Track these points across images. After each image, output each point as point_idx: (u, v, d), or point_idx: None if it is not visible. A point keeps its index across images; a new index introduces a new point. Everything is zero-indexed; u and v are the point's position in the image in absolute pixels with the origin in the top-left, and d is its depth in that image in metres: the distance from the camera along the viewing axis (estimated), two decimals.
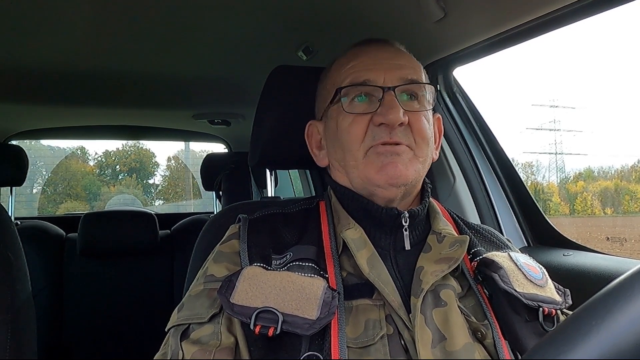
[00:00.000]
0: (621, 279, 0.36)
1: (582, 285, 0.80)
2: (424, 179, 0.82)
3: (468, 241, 0.73)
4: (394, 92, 0.75)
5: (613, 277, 0.46)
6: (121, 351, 2.13)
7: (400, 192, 0.75)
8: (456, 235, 0.77)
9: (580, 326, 0.34)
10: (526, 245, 1.31)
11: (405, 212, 0.74)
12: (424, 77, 0.81)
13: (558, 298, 0.71)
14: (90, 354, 2.11)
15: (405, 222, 0.74)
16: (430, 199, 0.83)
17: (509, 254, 0.75)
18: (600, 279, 0.96)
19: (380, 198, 0.75)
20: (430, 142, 0.78)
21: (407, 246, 0.75)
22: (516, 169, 1.37)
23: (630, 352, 0.32)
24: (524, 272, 0.71)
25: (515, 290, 0.67)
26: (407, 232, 0.75)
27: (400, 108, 0.73)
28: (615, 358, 0.32)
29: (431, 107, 0.80)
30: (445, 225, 0.78)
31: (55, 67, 1.55)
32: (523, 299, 0.67)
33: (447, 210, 0.86)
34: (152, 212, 2.36)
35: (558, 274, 0.78)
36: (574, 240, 1.20)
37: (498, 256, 0.73)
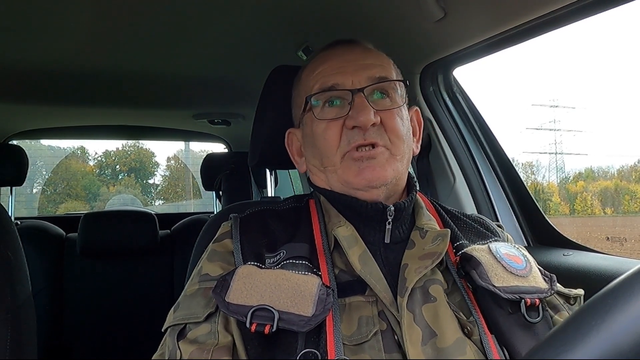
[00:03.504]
0: (621, 279, 0.36)
1: (582, 285, 0.80)
2: (409, 174, 0.83)
3: (449, 234, 0.73)
4: (364, 93, 0.75)
5: (613, 277, 0.46)
6: (121, 351, 2.13)
7: (381, 193, 0.75)
8: (438, 229, 0.77)
9: (580, 326, 0.34)
10: (526, 245, 1.31)
11: (391, 205, 0.75)
12: (394, 74, 0.81)
13: (543, 285, 0.71)
14: (90, 354, 2.11)
15: (391, 215, 0.74)
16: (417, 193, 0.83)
17: (488, 247, 0.75)
18: (600, 279, 0.96)
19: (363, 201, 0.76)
20: (406, 139, 0.79)
21: (387, 239, 0.75)
22: (516, 169, 1.37)
23: (630, 352, 0.32)
24: (504, 264, 0.71)
25: (494, 286, 0.67)
26: (390, 226, 0.75)
27: (371, 109, 0.74)
28: (615, 358, 0.32)
29: (404, 103, 0.81)
30: (428, 220, 0.79)
31: (55, 67, 1.55)
32: (502, 294, 0.67)
33: (432, 203, 0.86)
34: (152, 212, 2.36)
35: (558, 274, 0.78)
36: (574, 240, 1.20)
37: (477, 250, 0.73)
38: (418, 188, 0.83)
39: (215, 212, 2.35)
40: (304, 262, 0.69)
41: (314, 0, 1.12)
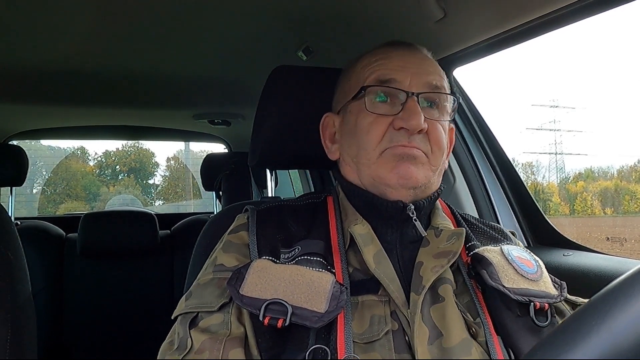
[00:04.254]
0: (621, 279, 0.36)
1: (582, 285, 0.80)
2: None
3: (464, 233, 0.73)
4: (417, 98, 0.75)
5: (613, 277, 0.46)
6: (121, 351, 2.13)
7: (409, 195, 0.75)
8: (453, 228, 0.77)
9: (580, 326, 0.34)
10: (526, 245, 1.31)
11: (411, 204, 0.74)
12: (446, 86, 0.81)
13: (553, 292, 0.71)
14: (90, 354, 2.11)
15: (412, 214, 0.74)
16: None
17: (501, 249, 0.75)
18: (600, 279, 0.96)
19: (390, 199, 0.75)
20: (444, 152, 0.79)
21: (424, 232, 0.75)
22: (516, 169, 1.37)
23: (630, 352, 0.32)
24: (515, 266, 0.71)
25: (504, 286, 0.67)
26: (418, 223, 0.75)
27: (422, 115, 0.73)
28: (615, 358, 0.32)
29: (450, 118, 0.80)
30: (443, 220, 0.79)
31: (55, 67, 1.55)
32: (511, 295, 0.67)
33: (448, 206, 0.87)
34: (152, 212, 2.36)
35: (558, 274, 0.78)
36: (574, 240, 1.20)
37: (489, 251, 0.73)
38: (440, 193, 0.83)
39: (215, 212, 2.35)
40: (318, 259, 0.69)
41: (314, 0, 1.12)
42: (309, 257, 0.69)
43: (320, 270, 0.67)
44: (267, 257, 0.70)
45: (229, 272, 0.68)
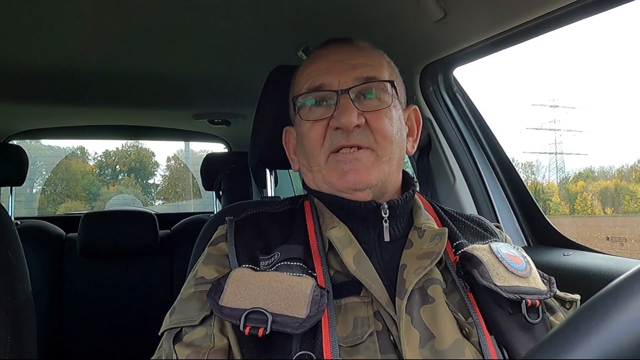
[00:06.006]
0: (621, 279, 0.36)
1: (582, 285, 0.80)
2: (407, 174, 0.83)
3: (447, 233, 0.73)
4: (349, 94, 0.75)
5: (613, 277, 0.46)
6: (121, 351, 2.13)
7: (367, 195, 0.75)
8: (436, 228, 0.77)
9: (580, 326, 0.34)
10: (526, 245, 1.31)
11: (384, 203, 0.74)
12: (385, 73, 0.80)
13: (543, 287, 0.71)
14: (90, 354, 2.11)
15: (385, 213, 0.74)
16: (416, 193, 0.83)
17: (489, 246, 0.74)
18: (600, 279, 0.96)
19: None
20: (395, 139, 0.77)
21: (386, 237, 0.75)
22: (516, 169, 1.37)
23: (630, 352, 0.32)
24: (505, 264, 0.71)
25: (495, 285, 0.67)
26: (387, 224, 0.75)
27: (354, 110, 0.73)
28: (615, 358, 0.32)
29: (392, 104, 0.79)
30: (426, 219, 0.78)
31: (55, 67, 1.55)
32: (504, 293, 0.66)
33: (430, 203, 0.86)
34: (152, 212, 2.36)
35: (558, 274, 0.78)
36: (574, 240, 1.20)
37: (478, 249, 0.73)
38: (418, 188, 0.83)
39: (215, 212, 2.35)
40: (298, 263, 0.69)
41: (314, 0, 1.12)
42: (288, 263, 0.69)
43: (301, 274, 0.67)
44: (246, 266, 0.69)
45: (210, 284, 0.68)
